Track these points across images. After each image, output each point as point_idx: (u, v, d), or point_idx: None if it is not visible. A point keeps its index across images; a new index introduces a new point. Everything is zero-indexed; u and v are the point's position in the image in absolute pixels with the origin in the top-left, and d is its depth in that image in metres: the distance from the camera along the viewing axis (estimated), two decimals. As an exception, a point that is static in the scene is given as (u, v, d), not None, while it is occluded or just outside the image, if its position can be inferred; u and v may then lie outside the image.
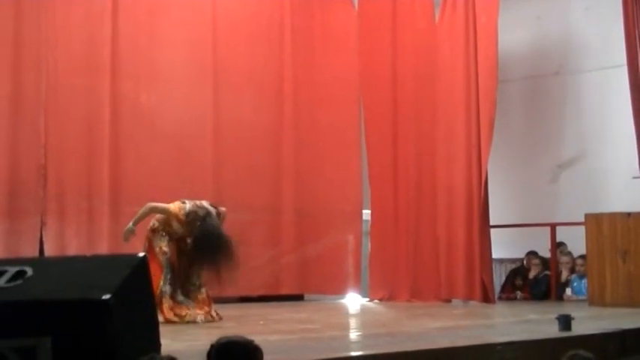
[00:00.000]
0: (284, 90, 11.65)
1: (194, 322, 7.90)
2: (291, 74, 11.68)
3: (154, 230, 8.18)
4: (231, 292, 10.87)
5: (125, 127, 10.39)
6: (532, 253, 11.87)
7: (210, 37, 11.11)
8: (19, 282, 3.33)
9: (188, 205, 8.16)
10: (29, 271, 3.36)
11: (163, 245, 8.10)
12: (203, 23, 11.09)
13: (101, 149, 10.20)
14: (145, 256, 3.34)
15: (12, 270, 3.38)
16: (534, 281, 11.58)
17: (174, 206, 8.17)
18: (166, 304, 7.90)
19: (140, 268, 3.30)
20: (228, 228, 8.28)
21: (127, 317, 3.17)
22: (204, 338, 5.86)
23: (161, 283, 7.87)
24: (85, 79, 10.17)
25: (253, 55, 11.46)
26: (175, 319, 7.86)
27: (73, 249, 9.78)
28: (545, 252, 11.57)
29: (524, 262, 11.95)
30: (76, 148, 10.08)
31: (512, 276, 12.01)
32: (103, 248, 9.88)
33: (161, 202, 8.32)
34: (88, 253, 9.52)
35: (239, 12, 11.42)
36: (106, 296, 3.08)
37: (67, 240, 9.88)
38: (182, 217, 8.08)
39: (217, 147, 11.01)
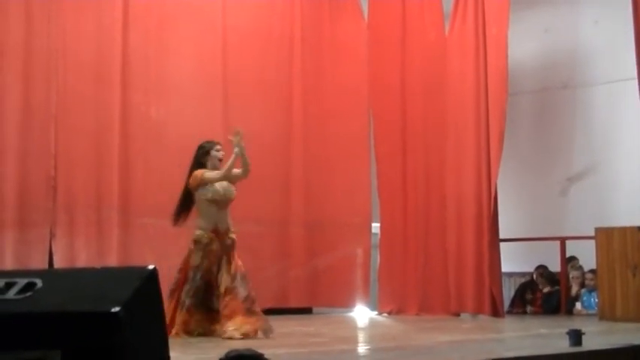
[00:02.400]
0: (293, 102, 11.66)
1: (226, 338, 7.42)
2: (301, 86, 11.70)
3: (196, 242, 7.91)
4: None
5: (135, 139, 10.41)
6: (541, 267, 11.83)
7: (220, 50, 11.13)
8: (28, 294, 3.32)
9: None
10: (39, 282, 3.34)
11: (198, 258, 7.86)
12: (213, 36, 11.12)
13: (111, 161, 10.22)
14: (155, 268, 3.32)
15: (21, 282, 3.36)
16: (547, 295, 11.54)
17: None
18: (180, 317, 7.71)
19: (150, 281, 3.28)
20: (238, 241, 8.22)
21: (137, 330, 3.14)
22: (212, 352, 5.86)
23: (183, 294, 7.78)
24: (95, 90, 10.21)
25: (263, 67, 11.48)
26: (184, 336, 7.59)
27: (83, 260, 9.79)
28: (555, 266, 11.52)
29: (534, 276, 11.91)
30: (86, 159, 10.11)
31: (522, 289, 11.97)
32: (112, 260, 9.89)
33: (171, 213, 8.30)
34: (98, 264, 9.54)
35: (249, 24, 11.43)
36: (116, 309, 3.06)
37: (77, 251, 9.89)
38: None
39: (227, 160, 10.98)
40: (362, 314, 11.56)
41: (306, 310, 11.68)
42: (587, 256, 10.73)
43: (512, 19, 10.87)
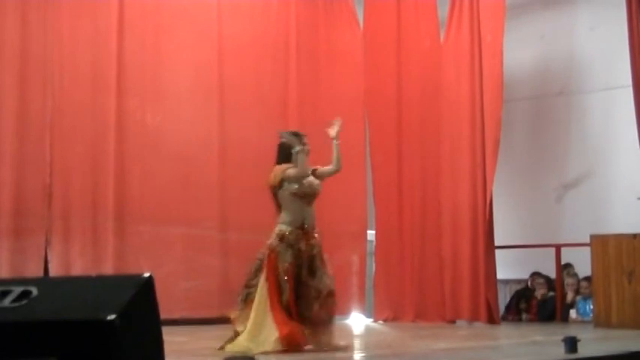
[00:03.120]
0: (289, 109, 11.65)
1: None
2: (297, 94, 11.69)
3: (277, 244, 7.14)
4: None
5: (130, 146, 10.40)
6: (536, 274, 11.84)
7: (216, 57, 11.12)
8: (24, 302, 3.31)
9: None
10: (34, 291, 3.33)
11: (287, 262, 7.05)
12: (209, 43, 11.11)
13: (106, 168, 10.21)
14: (150, 275, 3.31)
15: (17, 290, 3.35)
16: (541, 302, 11.54)
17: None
18: (288, 329, 6.83)
19: (146, 288, 3.28)
20: (234, 249, 8.22)
21: (133, 338, 3.14)
22: (209, 359, 5.85)
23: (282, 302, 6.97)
24: (90, 97, 10.20)
25: (259, 74, 11.47)
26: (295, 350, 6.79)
27: (78, 268, 9.77)
28: (551, 273, 11.53)
29: (529, 283, 11.92)
30: (82, 166, 10.10)
31: (516, 297, 11.97)
32: (108, 268, 9.87)
33: (166, 221, 8.29)
34: (93, 272, 9.52)
35: (244, 31, 11.43)
36: (112, 316, 3.05)
37: (72, 259, 9.87)
38: None
39: (223, 167, 11.00)
40: (358, 321, 11.55)
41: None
42: (582, 263, 10.75)
43: (508, 27, 10.89)
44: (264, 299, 6.88)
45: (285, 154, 7.42)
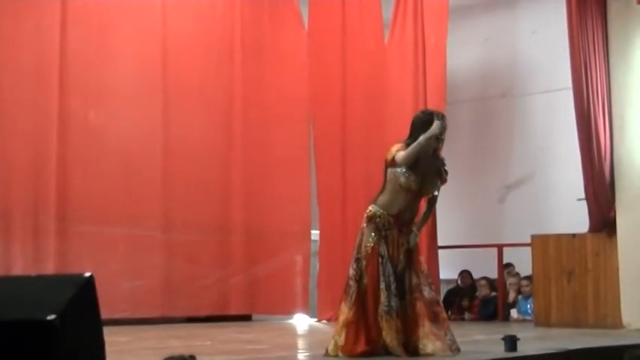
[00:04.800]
0: (234, 109, 11.62)
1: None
2: (241, 93, 11.67)
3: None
4: (177, 312, 10.84)
5: (73, 143, 10.29)
6: (466, 272, 12.00)
7: (160, 55, 11.06)
8: (-38, 302, 3.27)
9: None
10: (-27, 290, 3.30)
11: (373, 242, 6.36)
12: (153, 41, 11.04)
13: (48, 167, 10.09)
14: (91, 275, 3.29)
15: (-45, 289, 3.32)
16: (483, 302, 11.66)
17: None
18: (392, 327, 6.03)
19: (87, 288, 3.26)
20: (177, 249, 8.16)
21: (74, 338, 3.12)
22: (149, 359, 5.83)
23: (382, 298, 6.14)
24: (32, 95, 10.07)
25: (203, 73, 11.43)
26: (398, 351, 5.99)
27: (19, 268, 9.64)
28: (492, 272, 11.65)
29: (459, 281, 12.07)
30: (23, 165, 9.96)
31: (452, 295, 12.07)
32: (49, 268, 9.76)
33: (109, 220, 8.21)
34: (34, 272, 9.40)
35: (189, 30, 11.38)
36: (52, 316, 3.03)
37: (13, 259, 9.74)
38: None
39: (166, 165, 10.95)
40: (301, 321, 11.57)
41: (246, 318, 11.64)
42: (523, 262, 10.88)
43: (452, 28, 11.00)
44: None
45: (416, 130, 6.40)
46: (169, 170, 10.95)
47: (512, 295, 11.46)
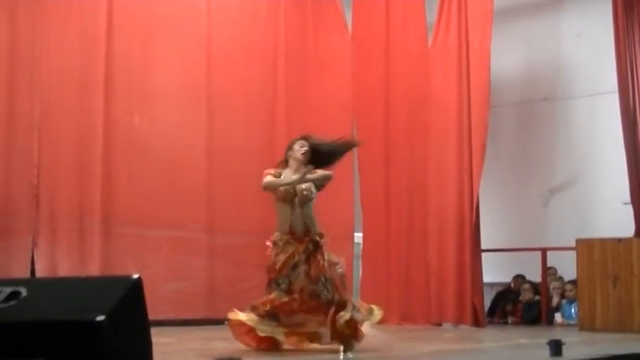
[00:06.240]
0: (277, 114, 11.65)
1: None
2: (285, 98, 11.70)
3: None
4: (220, 314, 10.87)
5: (117, 148, 10.38)
6: (520, 277, 11.91)
7: (205, 62, 11.12)
8: (12, 302, 3.33)
9: None
10: (23, 291, 3.36)
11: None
12: (197, 47, 11.11)
13: (93, 170, 10.19)
14: (139, 277, 3.34)
15: (6, 290, 3.38)
16: (527, 306, 11.60)
17: None
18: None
19: (134, 290, 3.31)
20: (220, 252, 8.19)
21: (121, 339, 3.17)
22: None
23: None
24: (78, 100, 10.17)
25: (247, 79, 11.48)
26: None
27: (65, 270, 9.75)
28: (535, 276, 11.59)
29: (512, 284, 11.99)
30: (69, 168, 10.07)
31: (499, 298, 12.02)
32: (93, 269, 9.85)
33: (153, 223, 8.27)
34: (79, 273, 9.50)
35: (233, 35, 11.44)
36: (100, 317, 3.08)
37: (59, 260, 9.84)
38: None
39: (210, 168, 11.01)
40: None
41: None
42: (567, 266, 10.80)
43: (495, 32, 10.94)
44: None
45: (285, 157, 7.40)
46: (213, 173, 11.01)
47: (555, 299, 11.38)
